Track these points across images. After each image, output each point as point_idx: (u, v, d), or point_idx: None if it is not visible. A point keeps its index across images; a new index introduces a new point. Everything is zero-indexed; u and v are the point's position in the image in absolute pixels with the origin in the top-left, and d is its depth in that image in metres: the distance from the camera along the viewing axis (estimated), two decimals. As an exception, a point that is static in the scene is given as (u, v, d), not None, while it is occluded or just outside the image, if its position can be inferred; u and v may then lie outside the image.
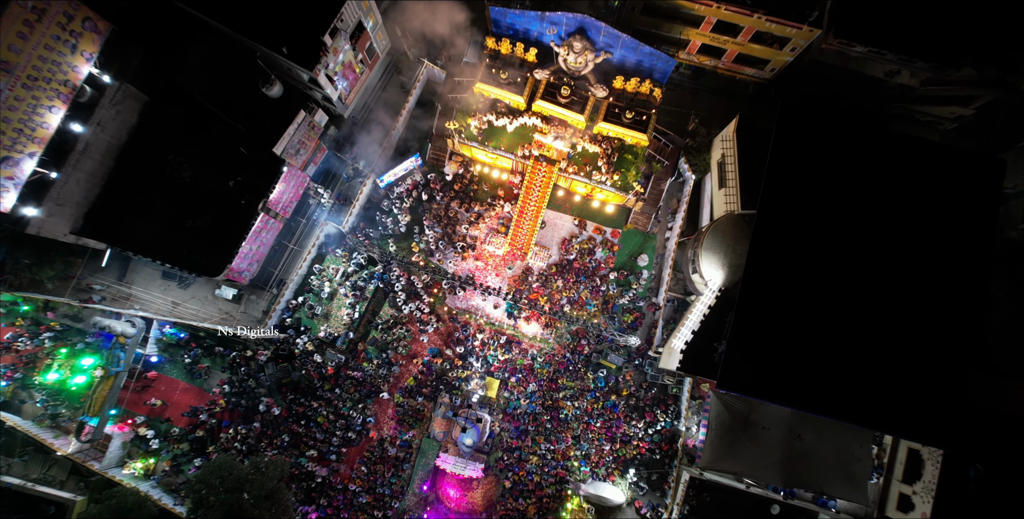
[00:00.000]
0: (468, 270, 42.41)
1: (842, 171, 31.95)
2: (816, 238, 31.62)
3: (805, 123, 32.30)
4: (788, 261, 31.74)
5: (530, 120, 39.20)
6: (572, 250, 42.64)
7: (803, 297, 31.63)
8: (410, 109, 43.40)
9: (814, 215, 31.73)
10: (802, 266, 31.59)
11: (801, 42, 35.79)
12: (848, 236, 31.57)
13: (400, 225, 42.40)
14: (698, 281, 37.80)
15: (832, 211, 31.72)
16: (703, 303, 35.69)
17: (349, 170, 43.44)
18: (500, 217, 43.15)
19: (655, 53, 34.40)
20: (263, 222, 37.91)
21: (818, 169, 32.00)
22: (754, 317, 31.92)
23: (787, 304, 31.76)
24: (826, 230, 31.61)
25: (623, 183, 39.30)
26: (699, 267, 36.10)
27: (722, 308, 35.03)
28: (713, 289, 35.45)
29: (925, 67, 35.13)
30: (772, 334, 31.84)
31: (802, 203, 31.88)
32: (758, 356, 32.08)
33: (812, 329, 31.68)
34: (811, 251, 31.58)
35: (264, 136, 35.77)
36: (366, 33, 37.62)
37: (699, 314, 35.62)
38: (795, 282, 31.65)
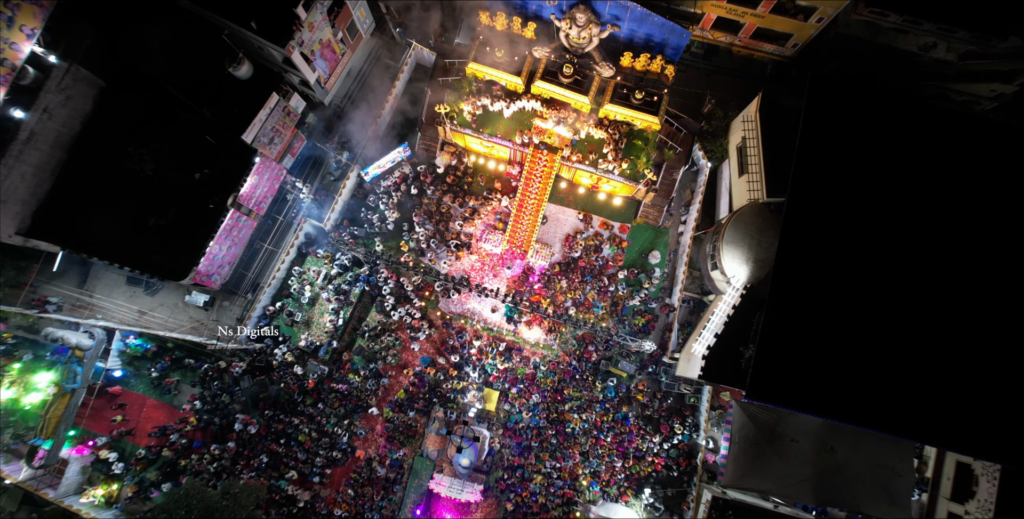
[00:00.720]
0: (463, 271, 38.65)
1: (882, 150, 28.35)
2: (856, 226, 27.97)
3: (838, 97, 28.77)
4: (824, 253, 28.07)
5: (529, 104, 35.52)
6: (577, 247, 38.93)
7: (843, 293, 27.93)
8: (397, 95, 39.73)
9: (853, 200, 28.09)
10: (841, 258, 27.92)
11: (829, 10, 32.09)
12: (892, 223, 27.94)
13: (387, 222, 38.63)
14: (718, 278, 34.06)
15: (873, 195, 28.09)
16: (726, 303, 31.94)
17: (331, 162, 39.69)
18: (497, 212, 39.44)
19: (667, 25, 30.76)
20: (234, 220, 34.12)
21: (855, 148, 28.40)
22: (787, 317, 28.22)
23: (824, 301, 28.06)
24: (867, 216, 27.97)
25: (632, 172, 35.60)
26: (720, 262, 32.37)
27: (748, 308, 31.29)
28: (737, 287, 31.72)
29: (966, 37, 31.54)
30: (807, 335, 28.15)
31: (838, 186, 28.26)
32: (792, 361, 28.36)
33: (853, 329, 27.98)
34: (850, 240, 27.91)
35: (233, 123, 32.04)
36: (346, 8, 33.97)
37: (722, 315, 31.87)
38: (833, 276, 27.96)
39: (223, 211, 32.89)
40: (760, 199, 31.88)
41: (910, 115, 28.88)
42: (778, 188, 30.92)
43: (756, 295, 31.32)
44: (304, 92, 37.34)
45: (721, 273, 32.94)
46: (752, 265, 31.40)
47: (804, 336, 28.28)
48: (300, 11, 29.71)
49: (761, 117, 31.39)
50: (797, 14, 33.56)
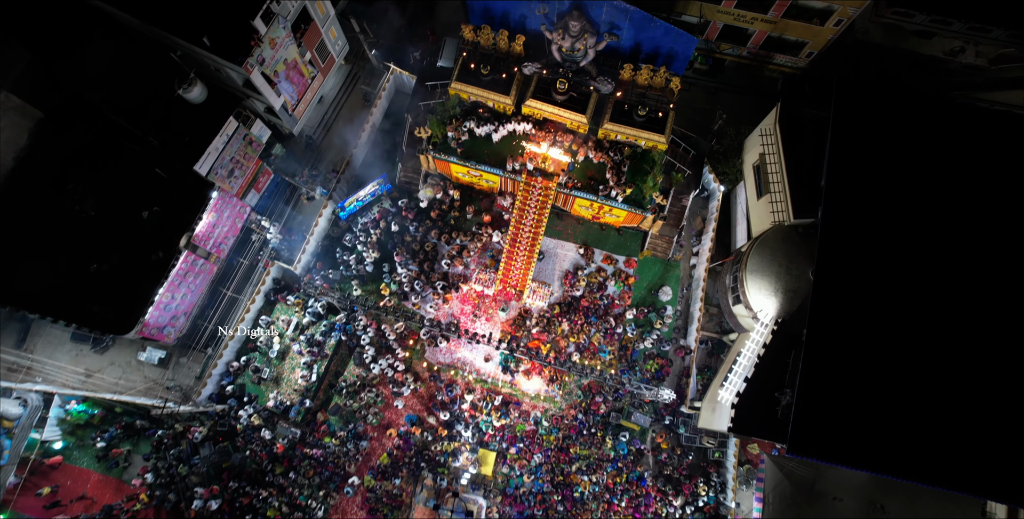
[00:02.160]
0: (451, 315, 34.41)
1: (923, 156, 25.06)
2: (903, 244, 24.32)
3: (868, 101, 25.71)
4: (869, 277, 24.30)
5: (520, 126, 32.06)
6: (578, 285, 34.84)
7: (894, 323, 24.04)
8: (375, 123, 36.27)
9: (896, 214, 24.61)
10: (889, 282, 24.15)
11: (850, 11, 28.92)
12: (945, 237, 24.27)
13: (366, 263, 34.55)
14: (742, 314, 29.96)
15: (917, 207, 24.61)
16: (755, 341, 27.78)
17: (303, 199, 35.90)
18: (488, 249, 35.49)
19: (672, 30, 27.50)
20: (189, 263, 30.02)
21: (893, 156, 25.13)
22: (829, 354, 24.24)
23: (873, 334, 24.13)
24: (914, 232, 24.34)
25: (638, 198, 31.86)
26: (745, 295, 28.33)
27: (781, 346, 27.17)
28: (766, 322, 27.63)
29: (1001, 37, 28.45)
30: (856, 376, 24.12)
31: (878, 200, 24.82)
32: (840, 408, 24.24)
33: (908, 366, 24.02)
34: (898, 261, 24.23)
35: (186, 153, 28.26)
36: (314, 26, 30.73)
37: (751, 356, 27.66)
38: (882, 303, 24.10)
39: (175, 254, 28.81)
40: (786, 221, 28.09)
41: (948, 116, 25.67)
42: (806, 208, 27.23)
43: (789, 331, 27.24)
44: (270, 120, 33.85)
45: (746, 307, 28.88)
46: (782, 296, 27.43)
47: (852, 377, 24.19)
48: (258, 24, 26.36)
49: (781, 130, 27.89)
50: (812, 18, 30.42)
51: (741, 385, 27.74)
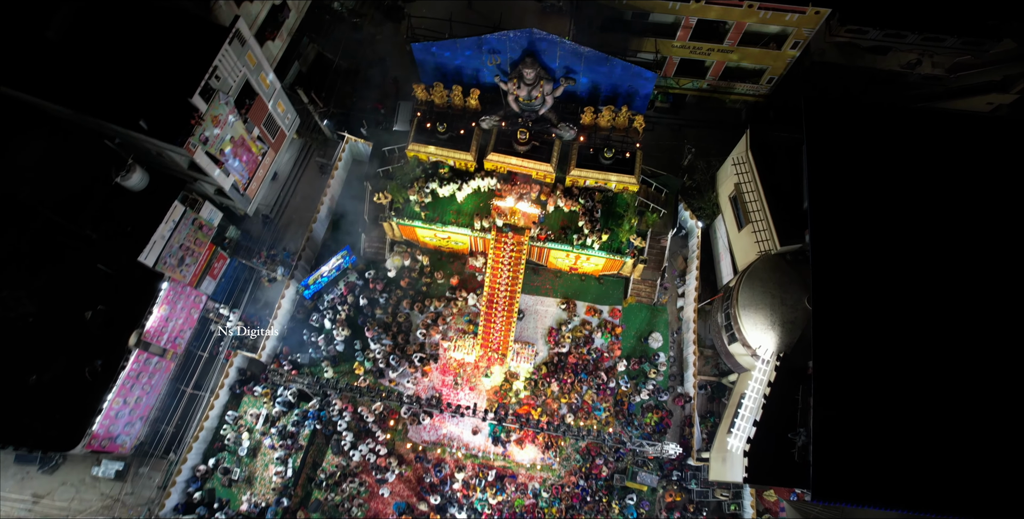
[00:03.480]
0: (432, 388, 32.09)
1: (903, 166, 24.45)
2: (900, 258, 23.27)
3: (838, 117, 25.15)
4: (870, 298, 22.98)
5: (484, 181, 30.93)
6: (564, 341, 32.96)
7: (906, 344, 22.50)
8: (334, 196, 34.85)
9: (887, 229, 23.60)
10: (892, 301, 22.84)
11: (805, 32, 28.84)
12: (942, 247, 23.28)
13: (336, 343, 32.30)
14: (740, 353, 28.29)
15: (905, 216, 23.71)
16: (758, 381, 26.00)
17: (263, 282, 33.85)
18: (465, 313, 33.58)
19: (629, 68, 26.90)
20: (141, 363, 27.56)
21: (872, 170, 24.51)
22: (841, 387, 22.59)
23: (885, 359, 22.56)
24: (909, 245, 23.36)
25: (615, 244, 30.57)
26: (741, 332, 26.75)
27: (787, 383, 25.41)
28: (767, 359, 25.93)
29: (956, 45, 28.54)
30: (874, 406, 22.34)
31: (866, 216, 23.87)
32: (862, 443, 22.30)
33: (929, 389, 22.32)
34: (898, 278, 23.03)
35: (129, 244, 26.27)
36: (260, 101, 29.61)
37: (757, 397, 25.81)
38: (890, 325, 22.65)
39: (124, 354, 26.34)
40: (772, 250, 26.91)
41: (917, 124, 25.24)
42: (791, 234, 26.16)
43: (793, 365, 25.57)
44: (222, 202, 32.19)
45: (743, 345, 27.25)
46: (779, 329, 25.90)
47: (869, 407, 22.47)
48: (197, 101, 25.06)
49: (754, 156, 27.11)
50: (769, 43, 30.34)
51: (750, 430, 25.76)
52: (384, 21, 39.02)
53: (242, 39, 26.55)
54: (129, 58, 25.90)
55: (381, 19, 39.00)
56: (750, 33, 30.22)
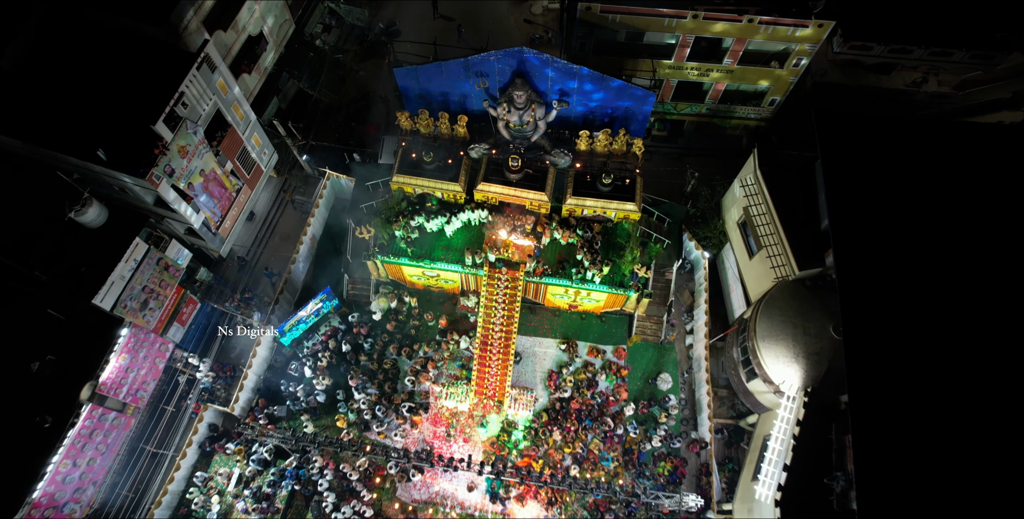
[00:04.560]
0: (423, 441, 29.18)
1: (926, 179, 22.74)
2: (934, 275, 21.13)
3: (853, 130, 23.50)
4: (906, 319, 20.76)
5: (475, 214, 28.93)
6: (565, 385, 30.31)
7: (951, 366, 20.18)
8: (314, 235, 32.79)
9: (916, 245, 21.59)
10: (930, 321, 20.66)
11: (808, 48, 27.56)
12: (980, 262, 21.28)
13: (316, 393, 29.52)
14: (760, 390, 25.79)
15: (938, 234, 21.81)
16: (784, 420, 23.43)
17: (240, 328, 31.24)
18: (456, 358, 31.00)
19: (626, 87, 25.38)
20: (95, 419, 24.66)
21: (894, 183, 22.63)
22: (883, 422, 20.02)
23: (929, 384, 20.16)
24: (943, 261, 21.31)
25: (616, 277, 28.41)
26: (761, 367, 24.36)
27: (817, 420, 22.83)
28: (792, 395, 23.44)
29: (964, 59, 27.35)
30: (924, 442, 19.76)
31: (892, 232, 21.84)
32: (913, 486, 19.60)
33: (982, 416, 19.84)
34: (934, 296, 20.86)
35: (84, 286, 23.81)
36: (233, 133, 27.82)
37: (785, 438, 23.20)
38: (931, 346, 20.39)
39: (74, 409, 23.49)
40: (790, 276, 24.79)
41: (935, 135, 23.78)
42: (810, 257, 24.14)
43: (823, 401, 23.07)
44: (193, 243, 29.97)
45: (764, 381, 24.80)
46: (804, 361, 23.55)
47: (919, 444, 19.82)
48: (161, 129, 23.13)
49: (764, 176, 25.33)
50: (771, 61, 29.02)
51: (780, 476, 23.02)
52: (368, 57, 37.93)
53: (212, 65, 24.94)
54: (89, 86, 24.16)
55: (364, 54, 37.90)
56: (751, 52, 28.98)
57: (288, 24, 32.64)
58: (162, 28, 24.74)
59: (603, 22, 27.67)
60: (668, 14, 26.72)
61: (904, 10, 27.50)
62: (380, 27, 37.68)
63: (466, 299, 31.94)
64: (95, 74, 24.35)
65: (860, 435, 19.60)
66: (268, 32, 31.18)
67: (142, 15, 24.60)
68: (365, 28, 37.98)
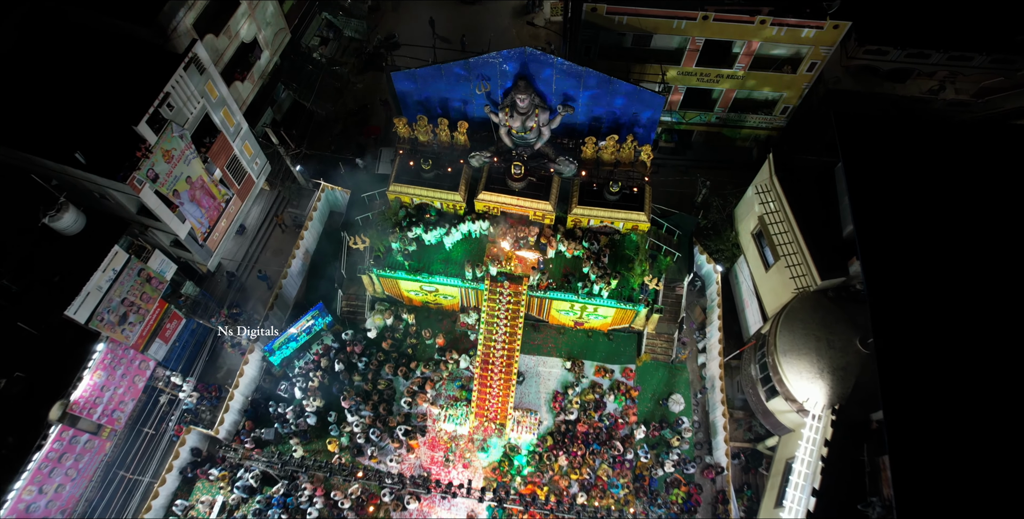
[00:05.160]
0: (420, 466, 27.31)
1: (955, 180, 21.37)
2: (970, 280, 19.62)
3: (875, 131, 22.33)
4: (944, 328, 19.20)
5: (475, 225, 27.58)
6: (571, 407, 28.55)
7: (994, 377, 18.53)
8: (308, 250, 31.39)
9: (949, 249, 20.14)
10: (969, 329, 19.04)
11: (822, 51, 26.45)
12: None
13: (307, 415, 27.73)
14: (782, 409, 24.07)
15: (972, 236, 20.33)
16: (811, 441, 21.69)
17: (225, 346, 29.65)
18: (456, 378, 29.31)
19: (633, 90, 24.17)
20: (65, 441, 22.88)
21: (923, 186, 21.30)
22: (924, 441, 18.28)
23: (972, 397, 18.48)
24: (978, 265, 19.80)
25: (625, 291, 26.91)
26: (784, 383, 22.70)
27: (847, 441, 21.07)
28: (818, 413, 21.74)
29: (984, 63, 26.30)
30: (975, 461, 18.01)
31: (923, 235, 20.46)
32: (960, 510, 17.80)
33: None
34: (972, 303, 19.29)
35: (58, 297, 22.26)
36: (223, 139, 26.60)
37: (812, 460, 21.41)
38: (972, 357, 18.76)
39: (43, 430, 21.74)
40: (811, 286, 23.28)
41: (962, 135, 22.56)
42: (832, 265, 22.69)
43: (852, 419, 21.36)
44: (179, 256, 28.54)
45: (786, 399, 23.11)
46: (829, 377, 21.93)
47: (965, 462, 18.09)
48: (144, 130, 21.86)
49: (780, 182, 24.00)
50: (783, 65, 27.90)
51: (808, 501, 21.15)
52: (366, 69, 37.04)
53: (201, 66, 23.81)
54: (70, 88, 23.01)
55: (362, 67, 37.02)
56: (762, 57, 27.93)
57: (284, 33, 31.74)
58: (150, 29, 23.70)
59: (609, 24, 26.68)
60: (677, 15, 25.72)
61: (921, 13, 26.50)
62: (379, 39, 36.87)
63: (466, 316, 30.39)
64: (77, 76, 23.23)
65: (899, 456, 17.88)
66: (263, 40, 30.24)
67: (129, 15, 23.58)
68: (363, 40, 37.13)
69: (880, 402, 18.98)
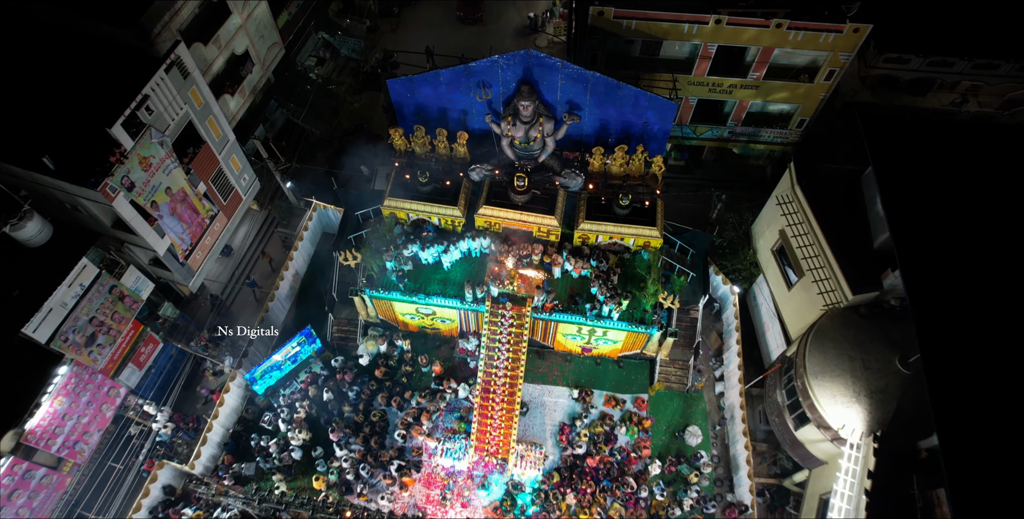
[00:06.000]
0: (415, 505, 24.87)
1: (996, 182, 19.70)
2: None
3: (904, 133, 20.88)
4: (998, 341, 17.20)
5: (476, 242, 25.82)
6: (579, 441, 26.24)
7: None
8: (298, 272, 29.62)
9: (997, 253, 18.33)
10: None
11: (841, 58, 25.15)
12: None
13: (291, 449, 25.41)
14: (813, 439, 21.89)
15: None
16: (851, 472, 19.49)
17: (206, 375, 27.54)
18: (454, 409, 27.10)
19: (642, 96, 22.77)
20: (18, 476, 20.56)
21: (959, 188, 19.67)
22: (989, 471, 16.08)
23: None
24: None
25: (637, 312, 24.97)
26: (816, 409, 20.58)
27: (893, 472, 18.84)
28: (857, 442, 19.55)
29: (1011, 71, 25.09)
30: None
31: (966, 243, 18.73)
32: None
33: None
34: None
35: (20, 313, 20.30)
36: (208, 150, 25.11)
37: (854, 494, 19.13)
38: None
39: (-7, 461, 19.53)
40: (841, 302, 21.36)
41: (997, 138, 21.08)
42: (864, 279, 20.84)
43: (897, 448, 19.18)
44: (159, 276, 26.69)
45: (818, 427, 20.96)
46: (867, 401, 19.86)
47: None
48: (119, 134, 20.32)
49: (804, 191, 22.36)
50: (800, 74, 26.55)
51: (852, 544, 18.81)
52: (363, 89, 35.95)
53: (184, 70, 22.47)
54: (44, 93, 21.62)
55: (359, 87, 35.93)
56: (778, 67, 26.66)
57: (278, 48, 30.69)
58: (132, 31, 22.43)
59: (617, 29, 25.51)
60: (688, 19, 24.56)
61: (944, 18, 25.34)
62: (377, 58, 35.91)
63: (465, 341, 28.35)
64: (50, 79, 21.86)
65: (958, 489, 15.67)
66: (255, 54, 29.12)
67: (110, 17, 22.35)
68: (360, 60, 36.15)
69: (930, 427, 17.02)
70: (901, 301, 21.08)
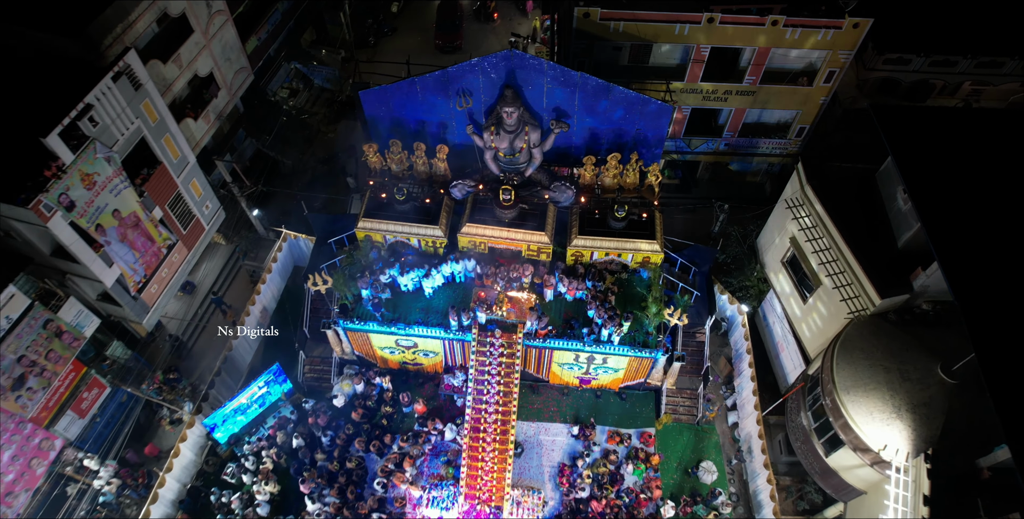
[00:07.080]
0: (400, 564, 21.73)
1: None
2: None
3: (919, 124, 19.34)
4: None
5: (460, 265, 23.63)
6: (582, 482, 23.44)
7: None
8: (267, 308, 27.15)
9: None
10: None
11: (840, 58, 23.86)
12: None
13: (256, 504, 22.37)
14: (848, 465, 19.37)
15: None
16: (900, 500, 16.99)
17: (162, 423, 24.60)
18: (440, 452, 24.29)
19: (634, 99, 21.17)
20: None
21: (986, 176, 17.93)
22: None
23: None
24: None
25: (639, 335, 22.69)
26: (852, 429, 18.14)
27: (951, 497, 16.34)
28: (904, 464, 17.08)
29: (1017, 69, 24.08)
30: None
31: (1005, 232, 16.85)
32: None
33: None
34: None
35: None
36: (164, 171, 23.02)
37: (908, 525, 16.51)
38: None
39: None
40: (867, 309, 19.25)
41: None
42: (891, 282, 18.84)
43: (952, 469, 16.73)
44: (111, 314, 24.07)
45: (855, 450, 18.46)
46: (909, 416, 17.52)
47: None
48: (55, 144, 18.21)
49: (816, 192, 20.58)
50: (798, 78, 25.21)
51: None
52: (338, 119, 34.45)
53: (136, 81, 20.64)
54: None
55: (334, 117, 34.44)
56: (774, 71, 25.40)
57: (245, 73, 29.13)
58: (78, 41, 20.62)
59: (604, 33, 24.19)
60: (679, 19, 23.31)
61: (944, 15, 24.43)
62: (351, 86, 34.56)
63: (451, 377, 25.77)
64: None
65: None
66: (220, 77, 27.49)
67: (53, 26, 20.59)
68: (335, 89, 34.77)
69: (988, 443, 14.74)
70: (934, 305, 19.12)
